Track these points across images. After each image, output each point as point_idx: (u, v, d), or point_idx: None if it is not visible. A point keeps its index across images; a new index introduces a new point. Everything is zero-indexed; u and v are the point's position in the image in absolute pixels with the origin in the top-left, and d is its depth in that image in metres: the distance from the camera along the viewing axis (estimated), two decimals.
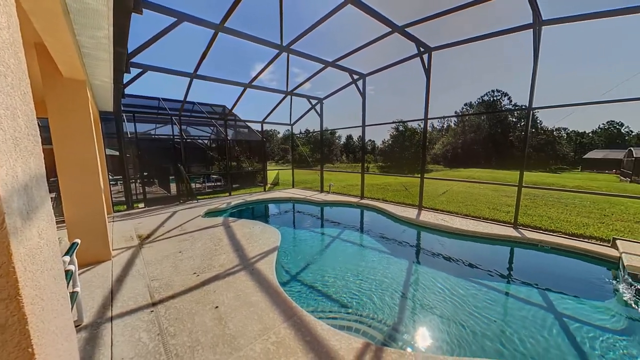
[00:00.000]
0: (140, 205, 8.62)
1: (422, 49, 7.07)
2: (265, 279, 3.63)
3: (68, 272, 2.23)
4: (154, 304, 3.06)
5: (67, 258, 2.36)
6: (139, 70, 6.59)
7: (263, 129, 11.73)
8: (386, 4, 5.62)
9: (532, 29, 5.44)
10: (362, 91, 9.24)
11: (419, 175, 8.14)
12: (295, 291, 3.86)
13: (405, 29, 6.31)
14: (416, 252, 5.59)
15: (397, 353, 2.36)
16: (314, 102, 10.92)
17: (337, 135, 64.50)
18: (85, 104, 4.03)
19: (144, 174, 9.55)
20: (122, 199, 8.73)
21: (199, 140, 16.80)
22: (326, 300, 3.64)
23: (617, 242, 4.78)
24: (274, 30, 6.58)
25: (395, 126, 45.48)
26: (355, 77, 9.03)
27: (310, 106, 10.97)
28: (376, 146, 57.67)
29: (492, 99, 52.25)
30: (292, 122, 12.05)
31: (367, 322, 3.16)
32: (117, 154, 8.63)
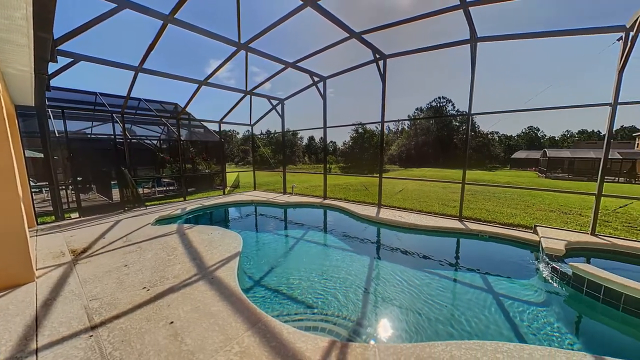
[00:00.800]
0: (74, 215, 7.48)
1: (377, 56, 7.47)
2: (226, 286, 3.45)
3: None
4: (94, 328, 2.68)
5: None
6: (69, 59, 5.72)
7: (221, 129, 11.15)
8: (344, 10, 5.82)
9: (469, 44, 6.16)
10: (322, 93, 9.39)
11: (378, 175, 8.58)
12: (260, 297, 3.75)
13: (362, 36, 6.60)
14: (377, 248, 5.87)
15: (362, 347, 2.45)
16: (274, 102, 10.75)
17: (299, 136, 64.50)
18: None
19: (78, 179, 8.29)
20: (50, 208, 7.46)
21: (147, 141, 15.25)
22: (292, 302, 3.61)
23: (537, 228, 5.67)
24: (231, 26, 6.32)
25: (355, 128, 47.25)
26: (316, 79, 9.15)
27: (271, 107, 10.79)
28: (337, 147, 59.15)
29: (439, 105, 57.65)
30: (252, 123, 11.69)
31: (333, 320, 3.22)
32: (42, 156, 7.35)
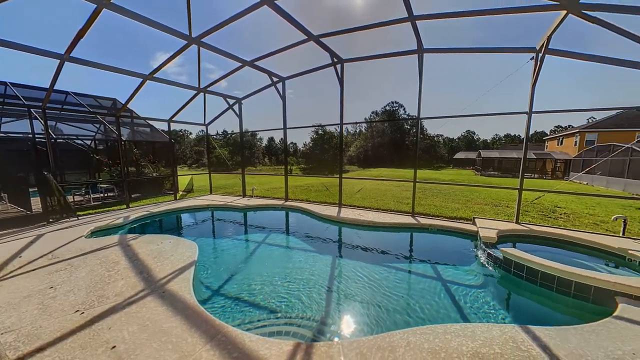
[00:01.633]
0: None
1: (335, 60, 7.69)
2: (180, 300, 3.18)
3: None
4: None
5: None
6: None
7: (171, 129, 10.25)
8: (303, 13, 5.86)
9: (417, 54, 6.74)
10: (282, 94, 9.30)
11: (338, 176, 8.82)
12: (219, 307, 3.54)
13: (320, 39, 6.73)
14: (339, 247, 6.02)
15: (326, 345, 2.48)
16: (231, 101, 10.29)
17: (259, 137, 62.80)
18: None
19: None
20: None
21: (78, 141, 13.26)
22: (254, 309, 3.48)
23: (476, 220, 6.45)
24: (182, 18, 5.87)
25: (315, 129, 47.80)
26: (275, 79, 9.02)
27: (228, 106, 10.29)
28: (298, 148, 59.12)
29: (392, 109, 61.74)
30: (207, 122, 10.99)
31: (297, 322, 3.20)
32: None
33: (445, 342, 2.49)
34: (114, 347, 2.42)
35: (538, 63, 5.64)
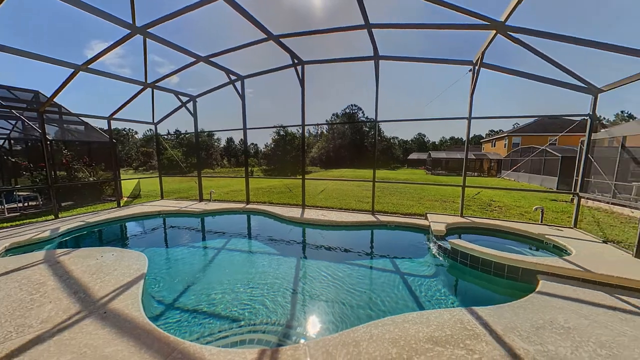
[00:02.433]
0: None
1: (295, 61, 7.68)
2: (126, 319, 2.84)
3: None
4: None
5: None
6: None
7: (111, 128, 9.11)
8: (263, 12, 5.72)
9: (373, 60, 7.10)
10: (241, 93, 8.96)
11: (301, 177, 8.82)
12: (174, 322, 3.25)
13: (280, 39, 6.66)
14: (303, 248, 6.01)
15: (292, 349, 2.46)
16: (185, 99, 9.56)
17: (216, 137, 59.50)
18: None
19: None
20: None
21: None
22: (215, 320, 3.28)
23: (428, 215, 7.04)
24: (124, 3, 5.27)
25: (276, 130, 47.12)
26: (233, 77, 8.65)
27: (181, 104, 9.55)
28: (259, 150, 57.56)
29: (351, 112, 64.06)
30: (156, 121, 10.04)
31: (262, 329, 3.11)
32: None
33: (404, 330, 2.67)
34: None
35: (475, 75, 6.40)
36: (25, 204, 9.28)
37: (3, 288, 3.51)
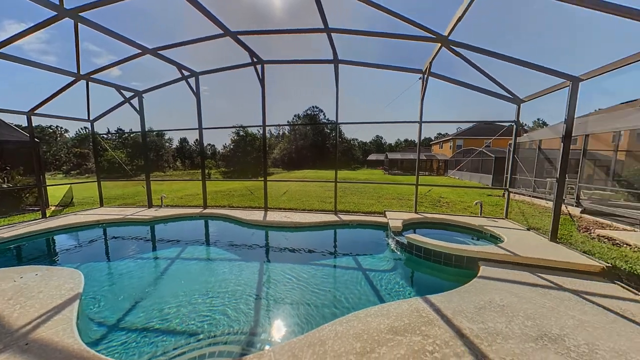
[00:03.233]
0: None
1: (255, 59, 7.48)
2: (57, 347, 2.43)
3: None
4: None
5: None
6: None
7: (32, 124, 7.72)
8: (220, 7, 5.43)
9: (333, 64, 7.28)
10: (195, 90, 8.39)
11: (263, 179, 8.60)
12: (119, 344, 2.88)
13: (239, 36, 6.41)
14: (266, 252, 5.86)
15: (257, 356, 2.38)
16: (128, 94, 8.59)
17: (168, 137, 54.70)
18: None
19: None
20: None
21: None
22: (169, 336, 3.00)
23: (386, 212, 7.46)
24: None
25: (236, 130, 45.22)
26: (186, 73, 8.06)
27: (124, 99, 8.54)
28: (217, 151, 54.53)
29: (313, 113, 64.73)
30: (92, 118, 8.82)
31: (223, 340, 2.94)
32: None
33: (367, 324, 2.78)
34: None
35: (424, 82, 7.00)
36: None
37: None
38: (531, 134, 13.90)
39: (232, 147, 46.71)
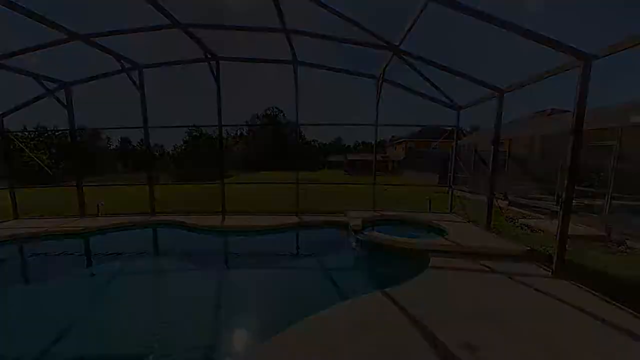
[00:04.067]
0: None
1: (209, 55, 7.04)
2: None
3: None
4: None
5: None
6: None
7: None
8: None
9: (292, 65, 7.25)
10: (139, 85, 7.55)
11: (220, 182, 8.14)
12: None
13: (190, 29, 5.97)
14: (225, 259, 5.56)
15: None
16: (52, 85, 7.32)
17: (105, 137, 48.27)
18: None
19: None
20: None
21: None
22: None
23: (347, 212, 7.69)
24: None
25: (188, 130, 42.06)
26: (127, 65, 7.20)
27: (46, 91, 7.25)
28: (167, 152, 49.93)
29: (273, 114, 63.61)
30: (1, 112, 7.31)
31: (177, 359, 2.69)
32: None
33: (332, 322, 2.82)
34: None
35: (379, 88, 7.42)
36: None
37: None
38: (468, 138, 15.74)
39: (184, 148, 43.26)
